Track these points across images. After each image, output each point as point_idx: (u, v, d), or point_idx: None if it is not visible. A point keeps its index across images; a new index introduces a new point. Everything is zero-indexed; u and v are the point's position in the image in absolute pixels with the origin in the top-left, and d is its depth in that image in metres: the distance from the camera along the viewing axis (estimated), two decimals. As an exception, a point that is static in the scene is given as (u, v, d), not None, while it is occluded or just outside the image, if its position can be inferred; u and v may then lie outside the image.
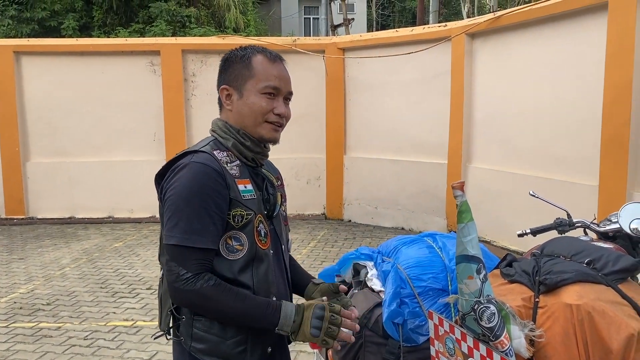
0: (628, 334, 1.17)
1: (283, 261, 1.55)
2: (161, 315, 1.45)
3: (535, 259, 1.40)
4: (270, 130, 1.45)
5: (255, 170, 1.48)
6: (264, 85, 1.42)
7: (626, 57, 4.23)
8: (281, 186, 1.61)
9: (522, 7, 5.49)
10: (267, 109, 1.43)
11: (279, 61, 1.48)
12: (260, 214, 1.43)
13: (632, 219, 1.76)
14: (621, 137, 4.32)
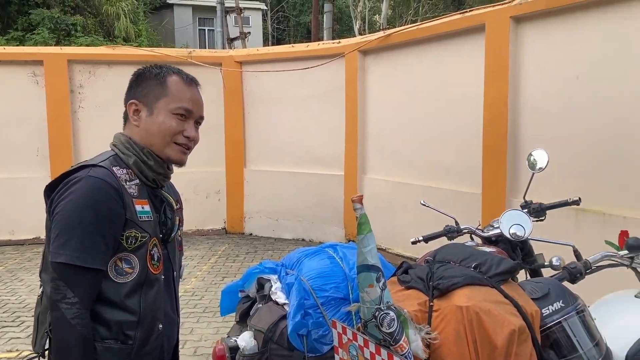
0: (510, 329, 1.30)
1: (173, 287, 1.51)
2: (36, 335, 1.36)
3: (429, 265, 1.50)
4: (178, 152, 1.44)
5: (154, 192, 1.44)
6: (176, 106, 1.40)
7: (502, 76, 4.63)
8: (180, 210, 1.58)
9: (410, 26, 5.82)
10: (176, 130, 1.41)
11: (194, 85, 1.47)
12: (156, 237, 1.39)
13: (511, 224, 1.93)
14: (500, 149, 4.71)
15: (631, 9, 3.74)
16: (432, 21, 5.54)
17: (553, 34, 4.28)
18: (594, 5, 3.96)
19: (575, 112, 4.12)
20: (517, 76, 4.60)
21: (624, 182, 3.83)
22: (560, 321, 1.50)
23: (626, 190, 3.81)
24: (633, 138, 3.76)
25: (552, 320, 1.50)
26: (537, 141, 4.32)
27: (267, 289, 2.17)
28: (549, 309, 1.50)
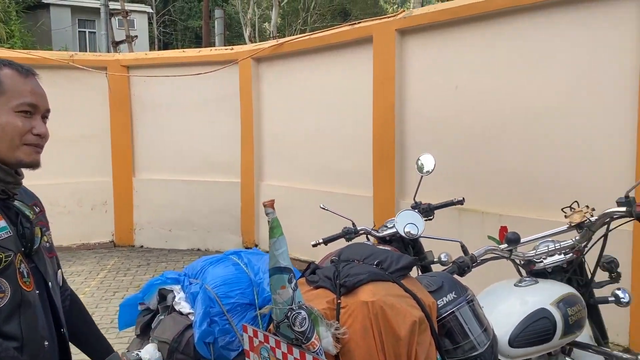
0: (412, 321, 1.40)
1: (53, 299, 1.37)
2: None
3: (335, 264, 1.57)
4: (31, 153, 1.28)
5: (5, 203, 1.29)
6: (18, 103, 1.25)
7: (389, 85, 4.89)
8: (41, 213, 1.44)
9: (302, 35, 5.96)
10: (24, 130, 1.26)
11: (32, 75, 1.31)
12: (20, 252, 1.26)
13: (406, 223, 2.07)
14: (389, 154, 4.96)
15: (501, 25, 4.13)
16: (323, 32, 5.71)
17: (434, 46, 4.61)
18: (468, 21, 4.32)
19: (456, 119, 4.46)
20: (403, 85, 4.88)
21: (498, 184, 4.20)
22: (454, 311, 1.64)
23: (501, 190, 4.19)
24: (505, 143, 4.15)
25: (446, 310, 1.63)
26: (422, 146, 4.62)
27: (170, 299, 2.13)
28: (443, 300, 1.63)
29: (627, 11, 3.45)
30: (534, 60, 3.95)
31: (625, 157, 3.48)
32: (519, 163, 4.08)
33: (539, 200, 3.94)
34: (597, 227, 2.04)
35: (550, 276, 2.11)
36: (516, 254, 2.07)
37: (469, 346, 1.63)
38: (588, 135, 3.69)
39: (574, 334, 1.96)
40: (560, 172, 3.83)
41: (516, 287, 2.04)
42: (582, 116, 3.71)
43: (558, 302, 1.91)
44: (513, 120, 4.09)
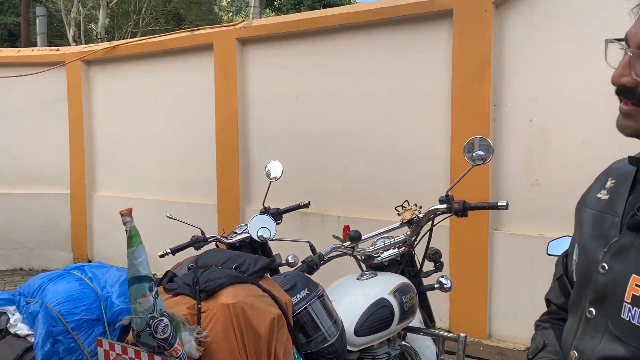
0: (271, 318, 1.48)
1: None
2: None
3: (193, 271, 1.59)
4: None
5: None
6: None
7: (231, 93, 4.94)
8: None
9: (140, 39, 5.75)
10: None
11: None
12: None
13: (259, 227, 2.15)
14: (232, 161, 5.01)
15: (336, 40, 4.43)
16: (162, 36, 5.58)
17: (275, 56, 4.78)
18: (306, 34, 4.57)
19: (297, 127, 4.67)
20: (245, 94, 4.97)
21: (336, 188, 4.50)
22: (307, 306, 1.76)
23: (339, 194, 4.49)
24: (342, 149, 4.45)
25: (300, 306, 1.74)
26: (265, 153, 4.75)
27: (4, 322, 1.95)
28: (297, 297, 1.74)
29: (442, 32, 3.94)
30: (363, 72, 4.31)
31: (442, 161, 3.96)
32: (355, 168, 4.41)
33: (372, 201, 4.30)
34: (424, 223, 2.31)
35: (386, 269, 2.34)
36: (358, 251, 2.27)
37: (321, 338, 1.76)
38: (411, 142, 4.12)
39: (408, 320, 2.20)
40: (389, 175, 4.23)
41: (358, 280, 2.23)
42: (405, 125, 4.14)
43: (394, 292, 2.13)
44: (348, 129, 4.41)
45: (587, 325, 0.96)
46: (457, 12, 3.80)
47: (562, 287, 1.15)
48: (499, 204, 2.15)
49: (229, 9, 21.46)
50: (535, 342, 1.15)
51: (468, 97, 3.79)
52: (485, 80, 3.72)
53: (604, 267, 0.93)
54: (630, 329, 0.87)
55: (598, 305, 0.94)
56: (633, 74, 0.86)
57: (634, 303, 0.86)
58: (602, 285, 0.93)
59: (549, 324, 1.17)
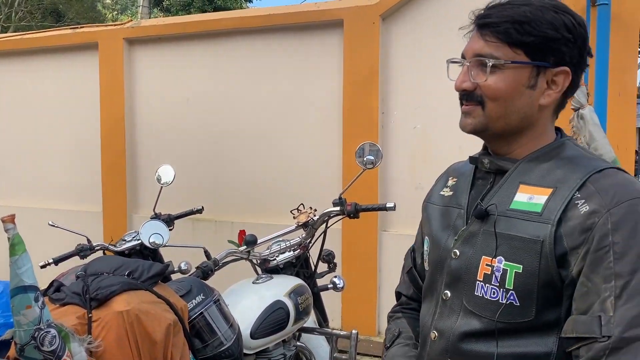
0: (167, 324, 1.46)
1: None
2: None
3: (83, 279, 1.52)
4: None
5: None
6: None
7: (118, 94, 4.73)
8: None
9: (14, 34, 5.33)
10: None
11: None
12: None
13: (151, 233, 2.09)
14: (119, 166, 4.80)
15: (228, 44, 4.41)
16: (42, 32, 5.21)
17: (165, 58, 4.65)
18: (198, 37, 4.50)
19: (188, 130, 4.58)
20: (133, 96, 4.78)
21: (230, 193, 4.47)
22: (203, 312, 1.75)
23: (232, 199, 4.47)
24: (235, 154, 4.44)
25: (196, 312, 1.73)
26: (154, 158, 4.60)
27: None
28: (192, 303, 1.73)
29: (333, 41, 4.07)
30: (256, 77, 4.33)
31: (335, 166, 4.09)
32: (248, 173, 4.41)
33: (267, 206, 4.32)
34: (318, 225, 2.39)
35: (282, 271, 2.38)
36: (254, 255, 2.29)
37: (217, 342, 1.76)
38: (305, 147, 4.21)
39: (303, 320, 2.26)
40: (283, 180, 4.28)
41: (254, 284, 2.25)
42: (299, 130, 4.22)
43: (290, 293, 2.18)
44: (241, 134, 4.41)
45: (444, 306, 1.07)
46: (347, 23, 3.96)
47: (412, 279, 1.28)
48: (387, 206, 2.29)
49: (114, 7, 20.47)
50: (391, 331, 1.25)
51: (358, 104, 3.95)
52: (374, 89, 3.90)
53: (456, 253, 1.05)
54: (483, 303, 0.99)
55: (453, 287, 1.06)
56: (471, 79, 1.02)
57: (485, 280, 0.99)
58: (455, 269, 1.05)
59: (401, 314, 1.28)
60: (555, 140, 1.06)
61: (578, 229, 0.91)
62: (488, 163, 1.08)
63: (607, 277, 0.88)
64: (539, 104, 1.01)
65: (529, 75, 1.00)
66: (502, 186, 1.03)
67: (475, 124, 1.04)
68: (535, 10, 0.98)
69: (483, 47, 1.01)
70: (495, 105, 1.01)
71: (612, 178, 0.95)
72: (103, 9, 19.87)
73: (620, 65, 3.27)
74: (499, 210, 1.00)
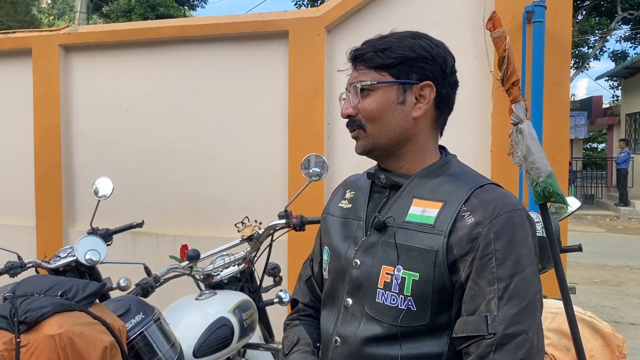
0: (103, 347, 1.37)
1: None
2: None
3: (10, 301, 1.42)
4: None
5: None
6: None
7: (53, 103, 4.53)
8: None
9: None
10: None
11: None
12: None
13: (87, 250, 1.99)
14: (54, 178, 4.58)
15: (169, 53, 4.31)
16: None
17: (104, 66, 4.49)
18: (137, 45, 4.38)
19: (127, 141, 4.43)
20: (69, 105, 4.59)
21: (172, 205, 4.34)
22: (142, 331, 1.67)
23: (174, 212, 4.34)
24: (177, 166, 4.32)
25: (135, 332, 1.65)
26: (92, 170, 4.42)
27: None
28: (131, 322, 1.64)
29: (279, 51, 4.05)
30: (199, 87, 4.25)
31: (280, 178, 4.05)
32: (190, 185, 4.30)
33: (210, 219, 4.23)
34: (263, 238, 2.35)
35: (226, 287, 2.32)
36: (196, 270, 2.22)
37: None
38: (250, 159, 4.15)
39: (248, 336, 2.21)
40: (227, 192, 4.20)
41: (197, 300, 2.18)
42: (244, 142, 4.17)
43: (234, 309, 2.13)
44: (183, 144, 4.30)
45: (346, 313, 1.14)
46: (292, 34, 3.95)
47: (310, 287, 1.36)
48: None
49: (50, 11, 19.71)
50: (289, 339, 1.29)
51: (304, 115, 3.94)
52: (319, 100, 3.91)
53: (357, 263, 1.13)
54: (383, 310, 1.07)
55: (355, 295, 1.13)
56: (351, 105, 1.14)
57: (385, 288, 1.07)
58: (356, 278, 1.12)
59: (298, 321, 1.34)
60: (441, 159, 1.17)
61: (465, 238, 1.02)
62: (384, 179, 1.17)
63: (491, 280, 0.99)
64: (412, 117, 1.12)
65: (396, 93, 1.11)
66: (398, 200, 1.13)
67: (364, 146, 1.15)
68: (395, 39, 1.13)
69: (356, 76, 1.14)
70: (373, 125, 1.13)
71: (492, 192, 1.06)
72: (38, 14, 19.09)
73: (554, 79, 3.42)
74: (397, 223, 1.09)
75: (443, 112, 1.17)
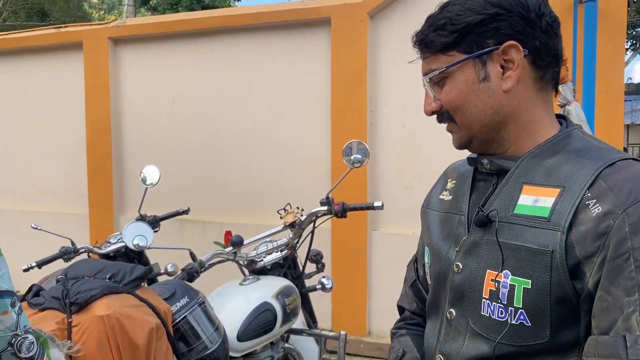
0: (149, 328, 1.42)
1: None
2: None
3: (62, 283, 1.48)
4: None
5: None
6: None
7: (103, 95, 4.67)
8: None
9: (-5, 35, 5.24)
10: None
11: None
12: None
13: (134, 235, 2.05)
14: (105, 167, 4.73)
15: (214, 42, 4.37)
16: (24, 32, 5.13)
17: (151, 58, 4.59)
18: (183, 36, 4.45)
19: (175, 131, 4.53)
20: (119, 96, 4.72)
21: (218, 193, 4.42)
22: (186, 315, 1.71)
23: (220, 199, 4.42)
24: (223, 154, 4.39)
25: (180, 315, 1.69)
26: (141, 159, 4.54)
27: None
28: (177, 306, 1.69)
29: (321, 38, 4.04)
30: (243, 76, 4.29)
31: (323, 165, 4.06)
32: (236, 173, 4.37)
33: (255, 206, 4.28)
34: (306, 225, 2.36)
35: (269, 272, 2.35)
36: (240, 256, 2.25)
37: (202, 346, 1.72)
38: (293, 147, 4.17)
39: (291, 322, 2.23)
40: (271, 180, 4.24)
41: (241, 285, 2.22)
42: (287, 129, 4.19)
43: (277, 295, 2.15)
44: (229, 134, 4.36)
45: (449, 326, 0.96)
46: (334, 21, 3.93)
47: (416, 292, 1.17)
48: (375, 205, 2.26)
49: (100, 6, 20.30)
50: (394, 350, 1.14)
51: (347, 103, 3.92)
52: (362, 87, 3.88)
53: (458, 266, 0.95)
54: (490, 324, 0.89)
55: (457, 305, 0.95)
56: (432, 100, 0.98)
57: (491, 298, 0.89)
58: (458, 285, 0.94)
59: (405, 331, 1.17)
60: (560, 132, 0.94)
61: (591, 234, 0.80)
62: (488, 163, 0.98)
63: (630, 289, 0.76)
64: (502, 90, 0.92)
65: (474, 70, 0.92)
66: (504, 188, 0.93)
67: (459, 140, 0.99)
68: (454, 6, 0.94)
69: (425, 66, 0.97)
70: (460, 114, 0.95)
71: (626, 171, 0.83)
72: (89, 9, 19.70)
73: (608, 61, 3.27)
74: (502, 216, 0.90)
75: (546, 67, 0.93)
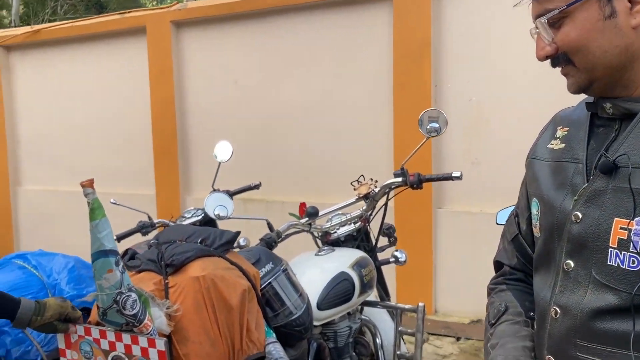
0: (242, 290, 1.44)
1: None
2: None
3: (156, 247, 1.52)
4: None
5: None
6: None
7: (167, 78, 4.77)
8: None
9: (64, 22, 5.44)
10: None
11: None
12: None
13: (216, 205, 2.09)
14: (170, 149, 4.85)
15: (273, 23, 4.37)
16: (90, 19, 5.30)
17: (212, 40, 4.65)
18: (243, 17, 4.48)
19: (236, 112, 4.58)
20: (181, 79, 4.82)
21: (279, 173, 4.45)
22: (271, 281, 1.73)
23: (282, 179, 4.45)
24: (283, 134, 4.42)
25: (265, 280, 1.71)
26: (204, 140, 4.63)
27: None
28: (262, 271, 1.71)
29: (382, 13, 3.97)
30: (303, 54, 4.28)
31: (385, 143, 4.01)
32: (297, 153, 4.38)
33: (317, 185, 4.29)
34: (379, 197, 2.33)
35: (343, 244, 2.34)
36: (315, 227, 2.26)
37: (287, 311, 1.74)
38: (354, 125, 4.15)
39: (367, 293, 2.22)
40: (332, 159, 4.23)
41: (317, 256, 2.22)
42: (348, 107, 4.16)
43: (354, 265, 2.14)
44: (289, 113, 4.38)
45: (567, 279, 0.93)
46: (396, -6, 3.85)
47: (518, 246, 1.12)
48: (453, 175, 2.20)
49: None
50: (495, 306, 1.10)
51: (409, 78, 3.85)
52: (426, 61, 3.80)
53: (577, 216, 0.91)
54: (619, 275, 0.85)
55: (577, 256, 0.91)
56: (546, 43, 0.92)
57: (620, 247, 0.85)
58: (578, 235, 0.91)
59: (505, 286, 1.13)
60: None
61: None
62: (611, 107, 0.92)
63: None
64: (631, 26, 0.85)
65: (598, 6, 0.86)
66: (632, 132, 0.87)
67: (578, 83, 0.93)
68: None
69: (537, 7, 0.91)
70: (582, 56, 0.89)
71: None
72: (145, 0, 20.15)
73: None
74: (633, 161, 0.84)
75: None
